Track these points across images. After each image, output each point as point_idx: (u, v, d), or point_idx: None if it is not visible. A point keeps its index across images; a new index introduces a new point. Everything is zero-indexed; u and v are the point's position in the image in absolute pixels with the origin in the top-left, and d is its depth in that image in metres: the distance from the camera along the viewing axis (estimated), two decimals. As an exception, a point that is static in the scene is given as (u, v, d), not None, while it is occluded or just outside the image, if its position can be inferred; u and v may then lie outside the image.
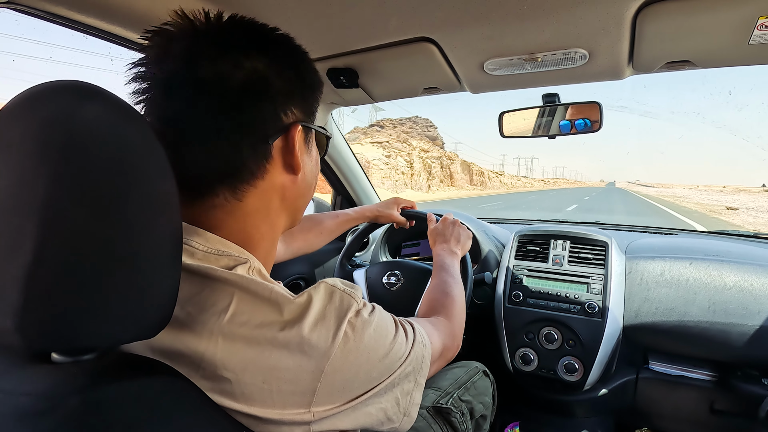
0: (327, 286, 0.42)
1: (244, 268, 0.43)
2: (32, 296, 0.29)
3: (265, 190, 0.46)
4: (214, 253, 0.43)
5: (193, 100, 0.41)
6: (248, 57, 0.42)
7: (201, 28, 0.43)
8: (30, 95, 0.31)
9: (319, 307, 0.40)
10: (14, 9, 0.63)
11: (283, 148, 0.46)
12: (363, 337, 0.41)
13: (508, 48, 0.83)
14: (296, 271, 1.44)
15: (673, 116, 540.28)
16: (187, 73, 0.41)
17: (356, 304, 0.42)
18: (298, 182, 0.49)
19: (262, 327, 0.38)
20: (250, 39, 0.44)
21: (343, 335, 0.40)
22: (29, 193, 0.29)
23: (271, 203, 0.47)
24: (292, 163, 0.47)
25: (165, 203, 0.35)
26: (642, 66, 0.88)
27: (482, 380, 1.03)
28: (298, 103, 0.47)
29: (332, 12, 0.73)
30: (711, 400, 1.13)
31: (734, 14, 0.68)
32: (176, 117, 0.41)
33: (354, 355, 0.40)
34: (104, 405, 0.31)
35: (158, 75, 0.42)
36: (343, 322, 0.40)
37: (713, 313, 1.04)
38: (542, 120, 1.12)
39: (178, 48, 0.41)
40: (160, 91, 0.42)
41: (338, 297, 0.42)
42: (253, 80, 0.42)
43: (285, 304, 0.39)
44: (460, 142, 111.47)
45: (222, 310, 0.39)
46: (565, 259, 1.24)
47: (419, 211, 1.10)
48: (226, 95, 0.41)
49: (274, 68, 0.44)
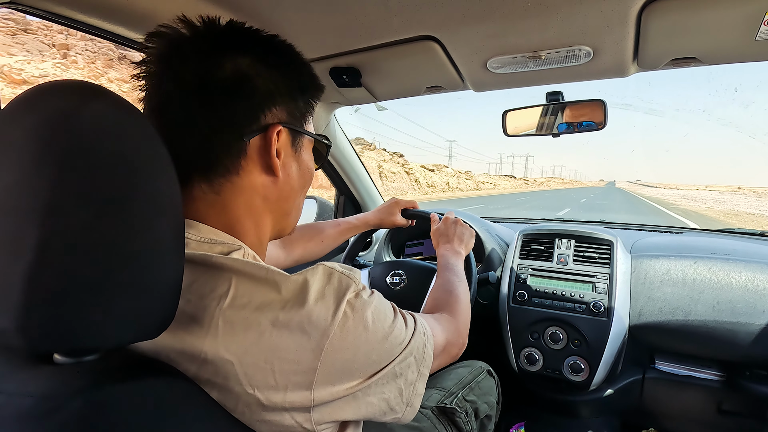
0: (325, 268, 0.43)
1: (239, 253, 0.44)
2: (34, 297, 0.29)
3: (243, 188, 0.47)
4: (208, 242, 0.44)
5: (176, 94, 0.44)
6: (232, 57, 0.44)
7: (195, 31, 0.45)
8: (32, 94, 0.31)
9: (318, 287, 0.41)
10: (17, 9, 0.63)
11: (261, 147, 0.47)
12: (362, 318, 0.41)
13: (511, 46, 0.82)
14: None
15: (678, 114, 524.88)
16: (174, 70, 0.44)
17: (355, 286, 0.43)
18: (280, 184, 0.49)
19: (262, 308, 0.38)
20: (237, 41, 0.46)
21: (342, 314, 0.40)
22: (31, 193, 0.29)
23: (252, 201, 0.48)
24: (271, 164, 0.47)
25: (167, 203, 0.35)
26: (647, 63, 0.87)
27: (487, 380, 1.02)
28: (283, 105, 0.48)
29: (334, 11, 0.73)
30: (719, 401, 1.12)
31: (740, 10, 0.67)
32: (160, 107, 0.45)
33: (353, 335, 0.40)
34: (107, 406, 0.31)
35: (153, 71, 0.45)
36: (342, 301, 0.41)
37: (719, 312, 1.03)
38: (546, 118, 1.11)
39: (171, 49, 0.44)
40: (152, 83, 0.45)
41: (336, 278, 0.42)
42: (233, 79, 0.44)
43: (282, 282, 0.40)
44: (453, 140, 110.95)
45: (222, 294, 0.39)
46: (569, 259, 1.23)
47: (421, 211, 1.10)
48: (204, 91, 0.44)
49: (256, 68, 0.45)
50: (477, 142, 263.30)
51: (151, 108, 0.45)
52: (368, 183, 1.63)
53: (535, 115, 1.12)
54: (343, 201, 1.65)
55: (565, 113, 1.09)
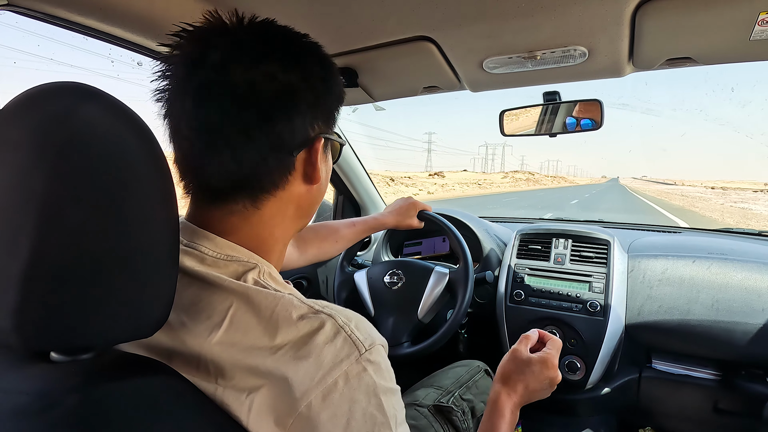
0: (334, 324, 0.38)
1: (255, 273, 0.42)
2: (30, 296, 0.29)
3: (282, 199, 0.46)
4: (224, 259, 0.43)
5: (227, 110, 0.40)
6: (283, 68, 0.42)
7: (237, 35, 0.42)
8: (29, 96, 0.32)
9: (319, 341, 0.37)
10: (14, 11, 0.63)
11: (306, 159, 0.46)
12: (351, 397, 0.36)
13: (507, 46, 0.83)
14: (299, 270, 1.44)
15: (675, 113, 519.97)
16: (221, 82, 0.40)
17: (357, 353, 0.37)
18: (314, 191, 0.49)
19: (251, 351, 0.37)
20: (286, 49, 0.43)
21: (332, 382, 0.35)
22: (27, 193, 0.29)
23: (287, 211, 0.47)
24: (312, 175, 0.47)
25: (163, 202, 0.36)
26: (642, 63, 0.87)
27: (484, 379, 1.03)
28: (323, 115, 0.47)
29: (330, 12, 0.74)
30: (715, 400, 1.12)
31: (734, 10, 0.67)
32: (207, 125, 0.41)
33: (334, 409, 0.35)
34: (102, 403, 0.31)
35: (190, 81, 0.41)
36: (337, 368, 0.36)
37: (716, 312, 1.03)
38: (543, 118, 1.11)
39: (213, 54, 0.40)
40: (190, 98, 0.40)
41: (342, 338, 0.37)
42: (285, 92, 0.42)
43: (282, 328, 0.37)
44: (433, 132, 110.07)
45: (216, 324, 0.38)
46: (567, 258, 1.23)
47: (439, 219, 1.09)
48: (259, 107, 0.41)
49: (306, 82, 0.43)
50: (457, 136, 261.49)
51: (188, 123, 0.41)
52: (368, 184, 1.63)
53: (532, 115, 1.12)
54: (342, 201, 1.65)
55: (562, 113, 1.09)
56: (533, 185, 66.17)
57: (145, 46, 0.80)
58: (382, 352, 0.39)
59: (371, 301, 1.09)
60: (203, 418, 0.35)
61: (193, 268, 0.41)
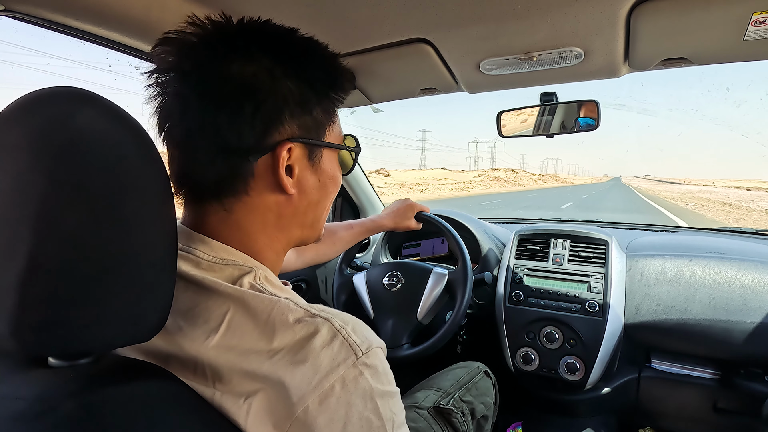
0: (331, 328, 0.38)
1: (250, 277, 0.42)
2: (28, 301, 0.29)
3: (255, 206, 0.44)
4: (219, 263, 0.42)
5: (179, 112, 0.41)
6: (240, 65, 0.40)
7: (204, 33, 0.42)
8: (26, 101, 0.32)
9: (316, 345, 0.36)
10: (11, 16, 0.63)
11: (270, 167, 0.43)
12: (348, 401, 0.35)
13: (503, 48, 0.83)
14: (297, 272, 1.44)
15: (671, 113, 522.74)
16: (181, 81, 0.41)
17: (354, 357, 0.37)
18: (295, 201, 0.46)
19: (248, 355, 0.36)
20: (249, 42, 0.42)
21: (329, 387, 0.35)
22: (24, 198, 0.29)
23: (266, 219, 0.45)
24: (282, 183, 0.44)
25: (160, 206, 0.36)
26: (638, 64, 0.88)
27: (484, 380, 1.03)
28: (295, 117, 0.43)
29: (327, 14, 0.74)
30: (714, 399, 1.13)
31: (728, 11, 0.68)
32: (168, 121, 0.43)
33: (330, 413, 0.35)
34: (100, 408, 0.31)
35: (164, 85, 0.42)
36: (334, 372, 0.35)
37: (714, 310, 1.03)
38: (540, 119, 1.12)
39: (180, 56, 0.41)
40: (161, 95, 0.42)
41: (339, 342, 0.37)
42: (239, 93, 0.40)
43: (279, 331, 0.37)
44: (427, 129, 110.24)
45: (213, 329, 0.38)
46: (565, 258, 1.23)
47: (436, 220, 1.10)
48: (207, 107, 0.40)
49: (265, 79, 0.41)
50: (451, 133, 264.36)
51: (160, 122, 0.43)
52: (367, 186, 1.63)
53: (529, 116, 1.13)
54: (340, 203, 1.65)
55: (559, 114, 1.10)
56: (512, 187, 55.23)
57: (141, 50, 0.80)
58: (380, 355, 0.39)
59: (370, 303, 1.09)
60: (201, 423, 0.35)
61: (188, 272, 0.41)
